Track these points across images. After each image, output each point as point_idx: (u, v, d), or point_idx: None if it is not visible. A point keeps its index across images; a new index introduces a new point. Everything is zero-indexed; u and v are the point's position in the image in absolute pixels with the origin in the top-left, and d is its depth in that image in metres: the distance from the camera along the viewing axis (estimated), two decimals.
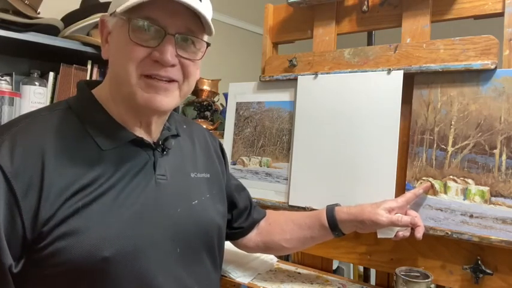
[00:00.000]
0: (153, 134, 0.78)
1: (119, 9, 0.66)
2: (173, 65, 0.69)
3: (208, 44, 0.74)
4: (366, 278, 1.34)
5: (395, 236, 0.93)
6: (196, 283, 0.78)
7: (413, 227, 0.91)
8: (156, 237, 0.71)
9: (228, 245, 1.17)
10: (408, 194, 0.96)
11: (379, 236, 0.96)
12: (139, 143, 0.74)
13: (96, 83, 0.78)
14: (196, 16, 0.69)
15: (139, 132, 0.75)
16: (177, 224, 0.75)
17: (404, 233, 0.92)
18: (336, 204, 0.99)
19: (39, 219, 0.60)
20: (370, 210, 0.92)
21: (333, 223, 0.94)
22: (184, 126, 0.90)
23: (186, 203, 0.79)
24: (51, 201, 0.61)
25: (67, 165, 0.65)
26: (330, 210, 0.96)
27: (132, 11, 0.66)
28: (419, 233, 0.89)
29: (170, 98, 0.71)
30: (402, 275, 0.90)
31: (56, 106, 0.73)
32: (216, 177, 0.91)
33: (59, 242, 0.61)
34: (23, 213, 0.60)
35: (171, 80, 0.70)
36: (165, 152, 0.78)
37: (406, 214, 0.93)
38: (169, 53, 0.67)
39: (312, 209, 1.13)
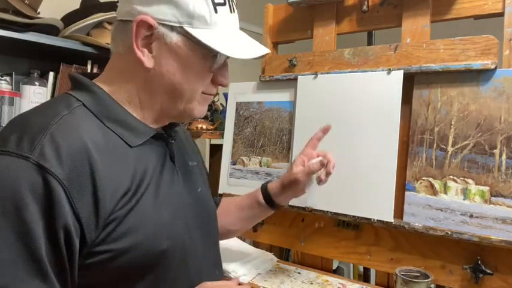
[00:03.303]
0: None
1: (199, 37, 0.65)
2: None
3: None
4: (366, 278, 1.34)
5: (319, 181, 0.93)
6: (216, 267, 0.81)
7: (326, 165, 0.92)
8: (190, 226, 0.73)
9: (228, 244, 1.17)
10: (311, 141, 1.00)
11: (306, 190, 0.98)
12: (158, 136, 0.73)
13: (91, 76, 0.73)
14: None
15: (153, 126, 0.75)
16: (195, 210, 0.77)
17: (322, 175, 0.93)
18: (270, 181, 1.02)
19: (100, 221, 0.58)
20: (288, 174, 0.97)
21: (268, 198, 0.98)
22: None
23: (195, 190, 0.81)
24: (108, 201, 0.59)
25: (109, 163, 0.62)
26: (264, 187, 1.00)
27: None
28: (330, 169, 0.91)
29: None
30: (402, 275, 0.90)
31: (68, 104, 0.66)
32: (200, 165, 0.92)
33: (119, 244, 0.60)
34: (82, 218, 0.56)
35: None
36: (173, 142, 0.78)
37: (317, 156, 0.96)
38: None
39: (312, 209, 1.13)
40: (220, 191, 1.34)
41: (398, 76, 1.04)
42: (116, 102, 0.69)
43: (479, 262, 0.93)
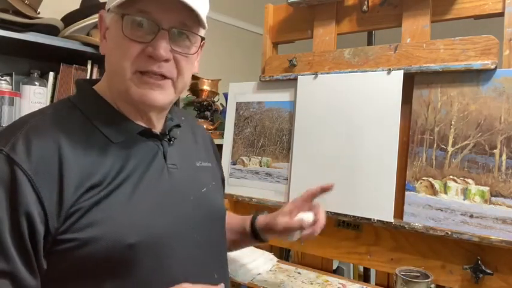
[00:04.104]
0: (156, 126, 0.78)
1: (112, 4, 0.67)
2: (167, 60, 0.69)
3: (203, 38, 0.73)
4: (366, 278, 1.34)
5: (300, 238, 0.87)
6: (215, 271, 0.79)
7: (315, 223, 0.86)
8: (176, 226, 0.72)
9: None
10: (305, 194, 0.91)
11: (288, 239, 0.90)
12: (148, 133, 0.75)
13: (95, 81, 0.78)
14: (191, 9, 0.68)
15: (143, 124, 0.76)
16: (192, 211, 0.76)
17: (306, 233, 0.86)
18: (263, 212, 0.97)
19: (62, 211, 0.61)
20: (270, 220, 0.92)
21: (254, 231, 0.95)
22: (183, 118, 0.91)
23: (197, 190, 0.80)
24: (72, 192, 0.62)
25: (82, 158, 0.65)
26: (253, 219, 0.96)
27: (125, 6, 0.66)
28: (316, 232, 0.86)
29: (164, 95, 0.71)
30: (402, 275, 0.90)
31: (59, 105, 0.73)
32: (215, 168, 0.93)
33: (83, 234, 0.62)
34: (46, 207, 0.60)
35: (164, 77, 0.70)
36: (171, 142, 0.79)
37: (310, 209, 0.89)
38: (163, 48, 0.67)
39: None
40: None
41: (398, 76, 1.04)
42: (105, 101, 0.74)
43: (479, 262, 0.93)
